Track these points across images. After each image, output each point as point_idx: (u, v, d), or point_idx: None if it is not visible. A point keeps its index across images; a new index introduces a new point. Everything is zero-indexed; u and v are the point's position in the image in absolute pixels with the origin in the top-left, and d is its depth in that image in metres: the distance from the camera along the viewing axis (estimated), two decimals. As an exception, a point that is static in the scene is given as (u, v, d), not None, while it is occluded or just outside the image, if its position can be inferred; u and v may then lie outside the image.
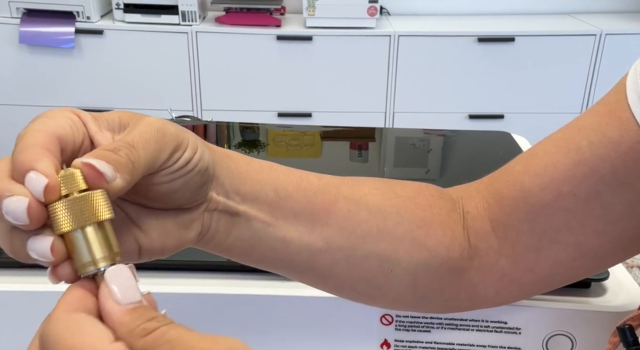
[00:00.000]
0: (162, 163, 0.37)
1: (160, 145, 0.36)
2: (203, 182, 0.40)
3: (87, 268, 0.31)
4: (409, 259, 0.49)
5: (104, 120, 0.38)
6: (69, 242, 0.31)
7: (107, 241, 0.32)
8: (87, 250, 0.31)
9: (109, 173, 0.32)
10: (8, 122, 2.60)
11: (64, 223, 0.31)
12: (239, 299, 0.59)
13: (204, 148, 0.40)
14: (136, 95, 2.56)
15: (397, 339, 0.60)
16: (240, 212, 0.44)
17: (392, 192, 0.50)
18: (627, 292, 0.61)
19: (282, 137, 0.98)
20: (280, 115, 2.59)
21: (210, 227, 0.43)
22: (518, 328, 0.59)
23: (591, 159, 0.46)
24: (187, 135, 0.39)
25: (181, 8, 2.47)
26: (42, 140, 0.33)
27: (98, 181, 0.32)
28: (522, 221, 0.49)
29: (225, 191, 0.43)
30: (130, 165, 0.34)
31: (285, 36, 2.49)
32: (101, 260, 0.32)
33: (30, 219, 0.30)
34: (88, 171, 0.32)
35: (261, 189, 0.44)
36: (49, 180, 0.31)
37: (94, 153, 0.33)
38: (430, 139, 1.01)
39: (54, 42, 2.46)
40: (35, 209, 0.31)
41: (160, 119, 0.38)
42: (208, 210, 0.42)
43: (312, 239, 0.46)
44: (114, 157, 0.33)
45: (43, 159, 0.31)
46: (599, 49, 2.53)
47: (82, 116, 0.37)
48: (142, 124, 0.37)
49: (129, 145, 0.34)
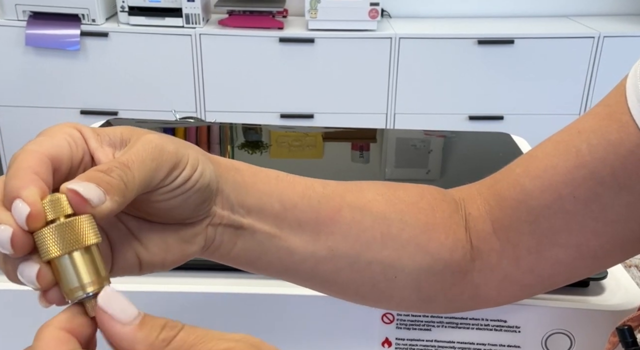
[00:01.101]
0: (159, 182, 0.36)
1: (157, 163, 0.35)
2: (204, 198, 0.39)
3: (75, 293, 0.31)
4: (412, 264, 0.49)
5: (106, 135, 0.37)
6: (55, 268, 0.31)
7: (94, 266, 0.31)
8: (74, 275, 0.31)
9: (95, 198, 0.31)
10: (15, 123, 2.60)
11: (50, 250, 0.30)
12: (241, 298, 0.59)
13: (206, 164, 0.39)
14: (141, 97, 2.56)
15: (398, 338, 0.60)
16: (245, 225, 0.43)
17: (395, 198, 0.50)
18: (625, 291, 0.61)
19: (284, 138, 0.98)
20: (283, 117, 2.59)
21: (214, 240, 0.42)
22: (517, 327, 0.59)
23: (591, 162, 0.46)
24: (187, 152, 0.38)
25: (185, 11, 2.47)
26: (33, 163, 0.32)
27: (82, 207, 0.31)
28: (523, 223, 0.49)
29: (230, 204, 0.42)
30: (123, 186, 0.33)
31: (287, 38, 2.49)
32: (89, 285, 0.31)
33: (14, 248, 0.30)
34: (72, 197, 0.31)
35: (267, 200, 0.44)
36: (31, 209, 0.30)
37: (85, 175, 0.32)
38: (431, 140, 1.01)
39: (59, 44, 2.46)
40: (19, 238, 0.30)
41: (161, 136, 0.37)
42: (212, 224, 0.41)
43: (316, 247, 0.46)
44: (105, 179, 0.32)
45: (29, 186, 0.31)
46: (597, 51, 2.53)
47: (84, 132, 0.36)
48: (140, 142, 0.36)
49: (124, 165, 0.34)
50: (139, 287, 0.58)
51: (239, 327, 0.60)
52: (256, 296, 0.59)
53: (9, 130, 2.62)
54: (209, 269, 0.62)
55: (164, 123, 1.02)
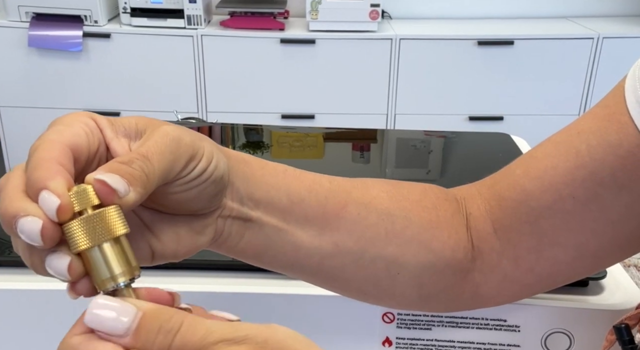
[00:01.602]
0: (177, 173, 0.36)
1: (175, 155, 0.35)
2: (218, 190, 0.40)
3: (107, 284, 0.31)
4: (415, 262, 0.49)
5: (121, 125, 0.37)
6: (86, 260, 0.31)
7: (125, 256, 0.32)
8: (105, 266, 0.31)
9: (122, 188, 0.31)
10: (18, 123, 2.60)
11: (80, 242, 0.30)
12: (243, 297, 0.59)
13: (220, 156, 0.39)
14: (143, 98, 2.56)
15: (399, 337, 0.60)
16: (254, 218, 0.43)
17: (400, 195, 0.50)
18: (624, 290, 0.61)
19: (285, 139, 0.98)
20: (284, 117, 2.59)
21: (223, 232, 0.42)
22: (517, 326, 0.59)
23: (590, 163, 0.46)
24: (203, 144, 0.38)
25: (187, 12, 2.47)
26: (55, 153, 0.32)
27: (110, 197, 0.31)
28: (523, 223, 0.49)
29: (239, 197, 0.42)
30: (145, 177, 0.33)
31: (288, 39, 2.49)
32: (120, 276, 0.31)
33: (44, 240, 0.30)
34: (100, 187, 0.31)
35: (275, 194, 0.44)
36: (61, 200, 0.30)
37: (108, 166, 0.32)
38: (431, 140, 1.01)
39: (62, 45, 2.46)
40: (49, 230, 0.30)
41: (177, 128, 0.37)
42: (222, 216, 0.42)
43: (322, 242, 0.46)
44: (128, 170, 0.32)
45: (56, 177, 0.31)
46: (597, 52, 2.53)
47: (99, 121, 0.36)
48: (158, 134, 0.36)
49: (144, 157, 0.34)
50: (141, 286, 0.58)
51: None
52: (257, 295, 0.59)
53: (12, 131, 2.62)
54: (211, 268, 0.62)
55: (166, 123, 1.02)
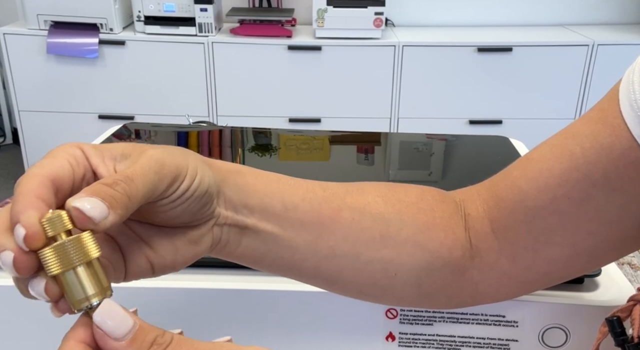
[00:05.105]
0: (160, 193, 0.36)
1: (159, 175, 0.36)
2: (203, 203, 0.40)
3: (81, 304, 0.32)
4: (411, 262, 0.49)
5: (107, 150, 0.37)
6: (60, 282, 0.32)
7: (97, 277, 0.32)
8: (80, 288, 0.32)
9: (97, 216, 0.32)
10: (38, 127, 2.62)
11: (52, 267, 0.31)
12: (246, 294, 0.59)
13: (204, 171, 0.40)
14: (156, 102, 2.57)
15: (402, 332, 0.60)
16: (249, 225, 0.44)
17: (395, 199, 0.50)
18: (618, 287, 0.61)
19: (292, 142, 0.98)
20: (291, 121, 2.59)
21: (221, 239, 0.43)
22: (515, 321, 0.59)
23: (584, 165, 0.45)
24: (186, 164, 0.38)
25: (198, 20, 2.48)
26: (34, 186, 0.32)
27: (85, 224, 0.32)
28: (520, 223, 0.49)
29: (233, 205, 0.43)
30: (126, 199, 0.33)
31: (295, 46, 2.50)
32: (93, 297, 0.32)
33: (17, 270, 0.31)
34: (76, 215, 0.31)
35: (269, 201, 0.44)
36: (26, 231, 0.30)
37: (90, 189, 0.33)
38: (433, 143, 1.01)
39: (79, 52, 2.48)
40: (21, 261, 0.31)
41: (162, 151, 0.37)
42: (217, 224, 0.42)
43: (318, 246, 0.46)
44: (109, 192, 0.33)
45: (27, 210, 0.31)
46: (592, 59, 2.53)
47: (85, 150, 0.37)
48: (144, 157, 0.36)
49: (128, 178, 0.34)
50: (139, 284, 0.58)
51: (244, 323, 0.60)
52: (261, 292, 0.59)
53: (32, 134, 2.64)
54: (212, 266, 0.62)
55: (178, 127, 1.02)
